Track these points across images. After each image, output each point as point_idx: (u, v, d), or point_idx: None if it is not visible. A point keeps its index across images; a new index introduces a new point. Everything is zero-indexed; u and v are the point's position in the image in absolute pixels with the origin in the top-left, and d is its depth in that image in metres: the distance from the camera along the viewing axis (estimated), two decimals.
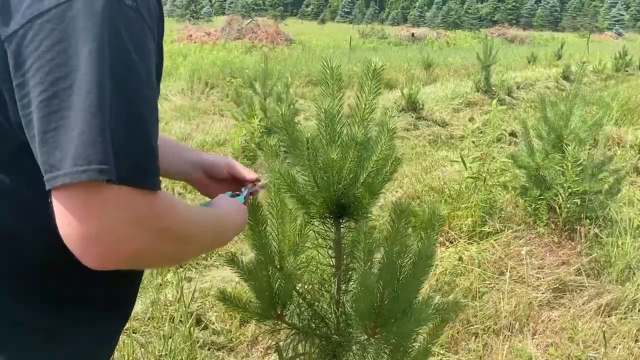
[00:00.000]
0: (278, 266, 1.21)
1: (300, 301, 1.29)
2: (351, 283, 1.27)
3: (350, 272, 1.27)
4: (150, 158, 0.68)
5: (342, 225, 1.25)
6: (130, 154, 0.65)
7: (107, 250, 0.66)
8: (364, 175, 1.15)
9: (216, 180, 1.17)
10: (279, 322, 1.26)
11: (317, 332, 1.29)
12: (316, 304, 1.31)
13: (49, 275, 0.79)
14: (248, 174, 1.14)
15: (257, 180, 1.15)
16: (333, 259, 1.27)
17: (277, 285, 1.22)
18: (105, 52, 0.63)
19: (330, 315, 1.30)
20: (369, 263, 1.11)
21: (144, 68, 0.68)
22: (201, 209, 0.89)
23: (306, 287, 1.31)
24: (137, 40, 0.67)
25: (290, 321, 1.27)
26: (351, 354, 1.30)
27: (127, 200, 0.65)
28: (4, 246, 0.75)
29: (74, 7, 0.62)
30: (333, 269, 1.28)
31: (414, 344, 1.25)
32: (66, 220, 0.64)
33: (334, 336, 1.27)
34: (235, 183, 1.15)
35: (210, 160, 1.16)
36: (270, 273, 1.20)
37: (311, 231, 1.26)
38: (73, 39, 0.62)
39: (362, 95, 1.14)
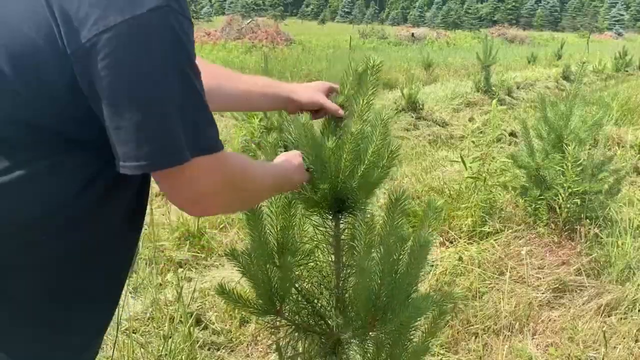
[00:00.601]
0: (276, 262, 1.22)
1: (299, 298, 1.29)
2: (350, 279, 1.27)
3: (349, 269, 1.27)
4: (210, 128, 0.80)
5: (341, 221, 1.25)
6: (199, 133, 0.78)
7: (206, 207, 0.87)
8: (362, 168, 1.16)
9: None
10: (279, 318, 1.26)
11: (317, 328, 1.29)
12: (315, 300, 1.31)
13: (63, 268, 0.83)
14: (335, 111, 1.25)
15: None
16: (332, 255, 1.28)
17: (275, 280, 1.22)
18: (168, 59, 0.73)
19: (328, 312, 1.30)
20: (368, 252, 1.12)
21: (195, 60, 0.78)
22: (265, 165, 1.09)
23: (305, 283, 1.32)
24: (188, 41, 0.77)
25: (289, 317, 1.27)
26: (350, 350, 1.30)
27: (207, 167, 0.80)
28: (27, 237, 0.79)
29: (136, 23, 0.70)
30: (332, 265, 1.28)
31: (412, 338, 1.25)
32: (168, 191, 0.82)
33: (333, 332, 1.27)
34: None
35: (302, 100, 1.25)
36: (268, 268, 1.21)
37: (310, 227, 1.26)
38: (138, 51, 0.71)
39: (361, 92, 1.16)
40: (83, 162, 0.79)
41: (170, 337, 2.38)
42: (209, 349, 2.50)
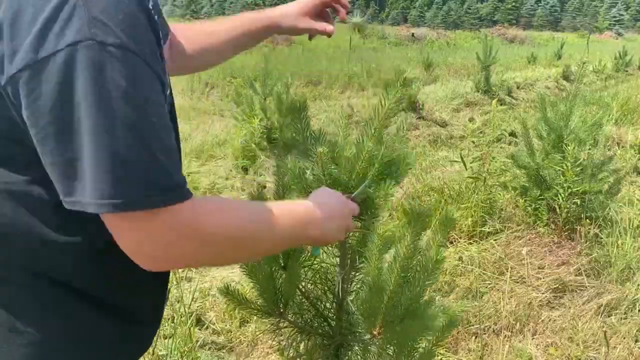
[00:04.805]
0: (282, 263, 1.22)
1: (303, 300, 1.29)
2: (354, 283, 1.27)
3: (354, 273, 1.27)
4: (164, 176, 0.73)
5: None
6: (141, 180, 0.70)
7: (151, 264, 0.77)
8: (374, 175, 1.15)
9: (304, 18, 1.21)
10: (281, 320, 1.26)
11: (320, 331, 1.29)
12: (319, 303, 1.31)
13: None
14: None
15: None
16: (337, 258, 1.27)
17: (280, 282, 1.22)
18: (88, 97, 0.68)
19: (332, 315, 1.30)
20: (380, 264, 1.11)
21: (141, 97, 0.71)
22: (264, 207, 0.85)
23: (309, 285, 1.31)
24: (128, 76, 0.70)
25: (292, 319, 1.27)
26: (353, 354, 1.30)
27: (154, 221, 0.72)
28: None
29: (56, 60, 0.67)
30: (337, 268, 1.28)
31: (418, 347, 1.25)
32: (114, 235, 0.75)
33: (336, 336, 1.27)
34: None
35: (283, 27, 1.19)
36: (273, 270, 1.21)
37: None
38: (59, 88, 0.68)
39: (385, 98, 1.13)
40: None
41: (170, 337, 2.38)
42: (209, 349, 2.50)
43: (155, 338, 1.01)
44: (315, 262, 1.29)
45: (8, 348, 0.84)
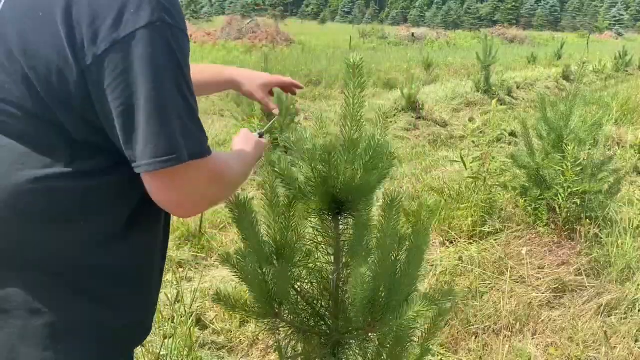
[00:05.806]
0: (275, 264, 1.22)
1: (299, 299, 1.29)
2: (350, 280, 1.27)
3: (349, 270, 1.27)
4: (201, 134, 0.88)
5: (340, 223, 1.25)
6: (192, 138, 0.86)
7: (191, 208, 0.93)
8: (361, 170, 1.16)
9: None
10: (278, 321, 1.26)
11: (316, 330, 1.29)
12: (314, 302, 1.31)
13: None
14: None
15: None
16: (332, 256, 1.27)
17: (272, 283, 1.22)
18: (164, 70, 0.82)
19: (328, 313, 1.30)
20: (366, 253, 1.12)
21: (188, 71, 0.87)
22: (236, 155, 1.14)
23: (304, 285, 1.32)
24: (181, 52, 0.85)
25: (288, 319, 1.27)
26: (350, 351, 1.30)
27: (199, 170, 0.87)
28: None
29: (135, 37, 0.80)
30: (331, 267, 1.28)
31: (412, 339, 1.25)
32: (158, 192, 0.87)
33: (333, 334, 1.27)
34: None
35: (242, 90, 1.39)
36: (265, 271, 1.21)
37: (309, 228, 1.26)
38: (137, 64, 0.80)
39: (348, 93, 1.16)
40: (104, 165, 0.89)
41: (170, 337, 2.38)
42: (209, 349, 2.50)
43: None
44: (309, 261, 1.29)
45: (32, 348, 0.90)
